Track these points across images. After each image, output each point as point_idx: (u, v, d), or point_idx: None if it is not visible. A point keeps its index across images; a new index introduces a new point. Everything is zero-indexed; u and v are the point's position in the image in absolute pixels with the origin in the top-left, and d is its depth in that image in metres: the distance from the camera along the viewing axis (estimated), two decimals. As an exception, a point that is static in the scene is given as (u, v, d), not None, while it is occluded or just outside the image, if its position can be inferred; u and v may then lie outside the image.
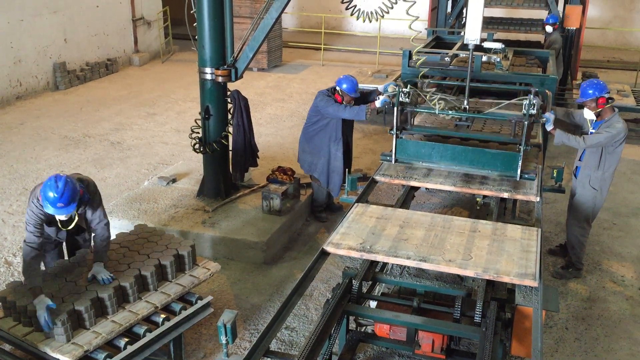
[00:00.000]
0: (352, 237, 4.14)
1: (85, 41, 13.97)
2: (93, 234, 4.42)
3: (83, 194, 4.18)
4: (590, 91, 5.43)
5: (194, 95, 11.93)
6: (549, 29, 10.71)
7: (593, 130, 5.57)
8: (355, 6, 5.17)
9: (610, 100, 5.45)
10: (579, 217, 5.86)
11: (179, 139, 9.90)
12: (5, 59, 11.89)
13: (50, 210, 3.96)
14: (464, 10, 13.50)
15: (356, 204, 4.77)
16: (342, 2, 5.19)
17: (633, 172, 8.81)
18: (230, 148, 6.85)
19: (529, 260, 3.83)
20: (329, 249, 4.04)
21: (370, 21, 5.16)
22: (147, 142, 9.82)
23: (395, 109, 5.36)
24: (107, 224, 4.42)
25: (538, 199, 4.93)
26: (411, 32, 4.93)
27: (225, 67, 6.21)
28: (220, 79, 6.23)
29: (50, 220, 4.28)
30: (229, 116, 6.65)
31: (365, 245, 4.01)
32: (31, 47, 12.43)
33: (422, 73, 6.14)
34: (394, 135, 5.44)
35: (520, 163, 5.10)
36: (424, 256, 3.86)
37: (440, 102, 5.41)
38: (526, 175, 5.14)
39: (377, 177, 5.29)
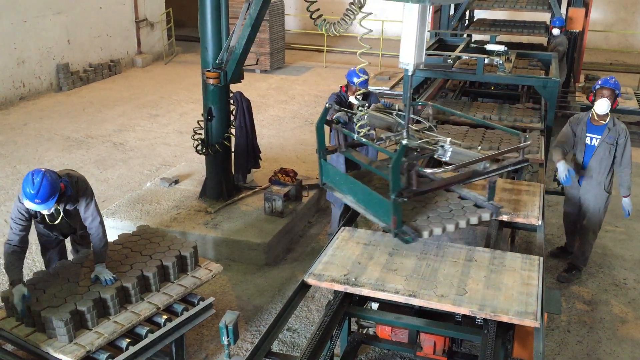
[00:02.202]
0: (335, 267, 3.81)
1: (88, 42, 14.00)
2: (90, 233, 4.41)
3: (65, 188, 4.15)
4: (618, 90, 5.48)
5: (196, 96, 11.94)
6: (556, 31, 10.48)
7: (595, 136, 5.61)
8: (320, 16, 4.69)
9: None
10: (593, 225, 5.88)
11: (181, 140, 9.91)
12: (9, 60, 11.93)
13: (29, 205, 3.99)
14: (467, 12, 13.54)
15: (342, 228, 4.36)
16: (308, 10, 4.86)
17: (635, 175, 8.78)
18: (233, 149, 6.87)
19: (530, 296, 3.52)
20: (309, 280, 3.72)
21: (333, 35, 4.78)
22: (150, 143, 9.84)
23: (322, 127, 4.42)
24: (102, 222, 4.40)
25: (540, 222, 4.42)
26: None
27: (212, 69, 6.18)
28: (210, 81, 6.22)
29: (38, 217, 4.33)
30: (232, 118, 6.66)
31: (349, 276, 3.69)
32: (34, 48, 12.47)
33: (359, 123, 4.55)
34: (319, 156, 4.55)
35: (392, 217, 3.76)
36: (413, 290, 3.55)
37: (364, 126, 4.41)
38: (404, 237, 3.88)
39: None
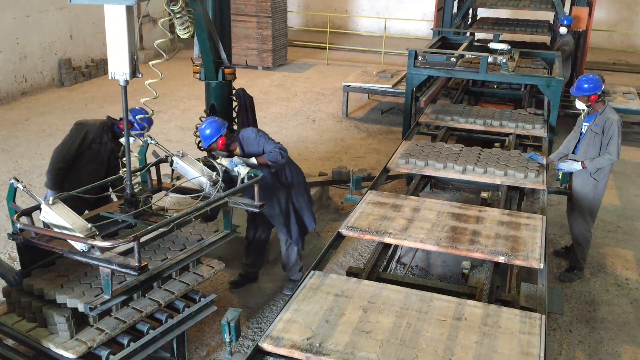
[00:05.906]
0: (298, 327, 3.26)
1: (90, 38, 13.99)
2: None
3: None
4: (586, 85, 5.59)
5: (198, 93, 11.92)
6: (563, 30, 10.31)
7: (586, 124, 5.72)
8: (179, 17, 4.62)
9: (601, 97, 5.59)
10: (582, 210, 5.85)
11: (182, 136, 9.90)
12: (11, 55, 11.92)
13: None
14: (470, 11, 13.52)
15: (312, 272, 3.90)
16: (168, 10, 4.67)
17: (638, 175, 8.78)
18: (235, 146, 6.84)
19: None
20: (265, 345, 3.16)
21: (188, 36, 4.46)
22: (152, 139, 9.82)
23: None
24: None
25: (541, 265, 3.93)
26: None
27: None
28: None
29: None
30: (234, 114, 6.65)
31: (313, 341, 3.15)
32: (37, 43, 12.46)
33: None
34: None
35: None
36: None
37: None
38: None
39: (344, 232, 4.49)
